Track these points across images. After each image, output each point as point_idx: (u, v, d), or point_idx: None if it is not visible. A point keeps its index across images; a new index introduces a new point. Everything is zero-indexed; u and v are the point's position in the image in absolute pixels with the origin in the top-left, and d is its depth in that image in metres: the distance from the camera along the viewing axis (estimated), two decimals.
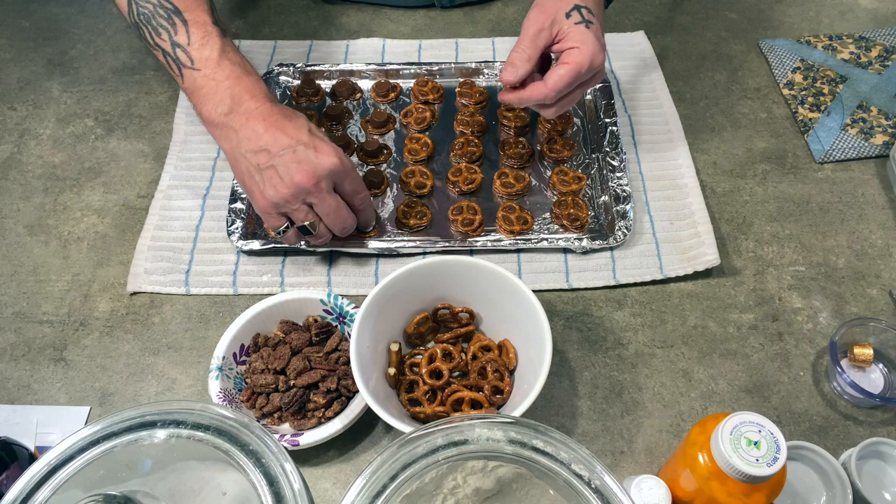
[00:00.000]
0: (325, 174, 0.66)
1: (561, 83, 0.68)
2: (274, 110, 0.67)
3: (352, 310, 0.70)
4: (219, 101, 0.67)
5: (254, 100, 0.67)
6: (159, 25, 0.69)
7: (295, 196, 0.66)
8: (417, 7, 1.04)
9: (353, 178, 0.69)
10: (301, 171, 0.65)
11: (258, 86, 0.69)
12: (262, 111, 0.67)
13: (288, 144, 0.66)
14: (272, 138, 0.66)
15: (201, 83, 0.68)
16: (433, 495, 0.49)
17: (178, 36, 0.69)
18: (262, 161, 0.66)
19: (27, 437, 0.66)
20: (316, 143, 0.66)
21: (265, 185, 0.67)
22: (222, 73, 0.68)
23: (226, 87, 0.67)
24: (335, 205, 0.68)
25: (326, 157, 0.66)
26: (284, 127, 0.66)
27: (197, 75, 0.68)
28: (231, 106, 0.67)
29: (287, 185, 0.66)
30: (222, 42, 0.69)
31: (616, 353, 0.72)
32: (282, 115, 0.68)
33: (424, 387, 0.66)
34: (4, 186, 0.86)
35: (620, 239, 0.77)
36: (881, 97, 0.92)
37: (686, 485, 0.56)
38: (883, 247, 0.80)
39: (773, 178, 0.86)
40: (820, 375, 0.71)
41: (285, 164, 0.65)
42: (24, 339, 0.74)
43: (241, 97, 0.67)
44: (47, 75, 0.98)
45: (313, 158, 0.66)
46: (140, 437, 0.47)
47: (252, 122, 0.66)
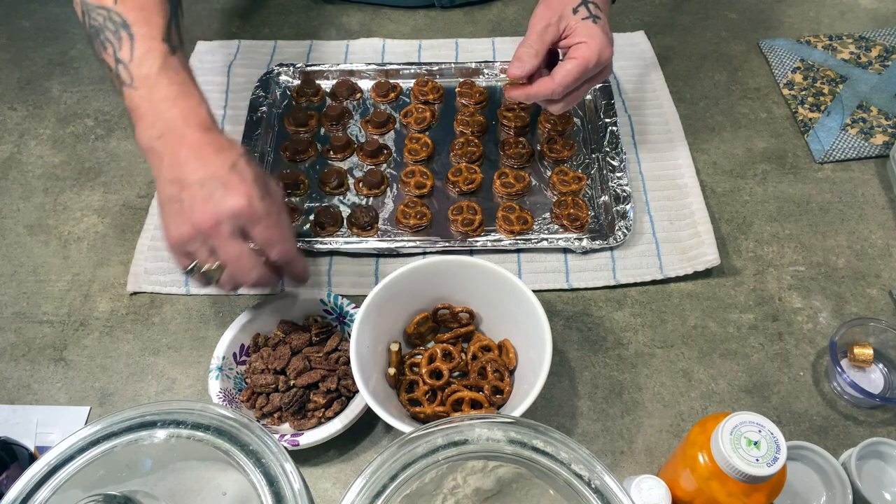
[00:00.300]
0: (227, 216, 0.58)
1: (568, 78, 0.68)
2: (205, 139, 0.61)
3: (352, 310, 0.70)
4: (150, 124, 0.61)
5: (186, 125, 0.61)
6: (106, 39, 0.64)
7: (193, 236, 0.59)
8: (417, 7, 1.04)
9: (267, 225, 0.60)
10: (202, 210, 0.58)
11: (196, 110, 0.62)
12: (192, 139, 0.61)
13: (200, 179, 0.59)
14: (190, 169, 0.59)
15: (137, 104, 0.62)
16: (433, 495, 0.49)
17: (122, 52, 0.63)
18: (174, 192, 0.60)
19: (27, 437, 0.66)
20: (231, 179, 0.59)
21: (170, 219, 0.61)
22: (159, 93, 0.62)
23: (159, 111, 0.61)
24: (237, 252, 0.60)
25: (233, 196, 0.58)
26: (207, 158, 0.60)
27: (134, 94, 0.62)
28: (162, 130, 0.61)
29: (187, 221, 0.59)
30: (165, 59, 0.63)
31: (616, 353, 0.72)
32: (211, 145, 0.61)
33: (424, 387, 0.66)
34: (4, 186, 0.86)
35: (620, 239, 0.77)
36: (881, 97, 0.92)
37: (686, 485, 0.56)
38: (883, 247, 0.80)
39: (773, 178, 0.86)
40: (820, 375, 0.71)
41: (191, 199, 0.59)
42: (24, 339, 0.74)
43: (174, 122, 0.61)
44: (47, 75, 0.98)
45: (219, 196, 0.58)
46: (140, 437, 0.47)
47: (178, 149, 0.60)
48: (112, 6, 0.64)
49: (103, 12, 0.64)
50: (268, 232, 0.61)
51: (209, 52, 0.98)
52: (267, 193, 0.61)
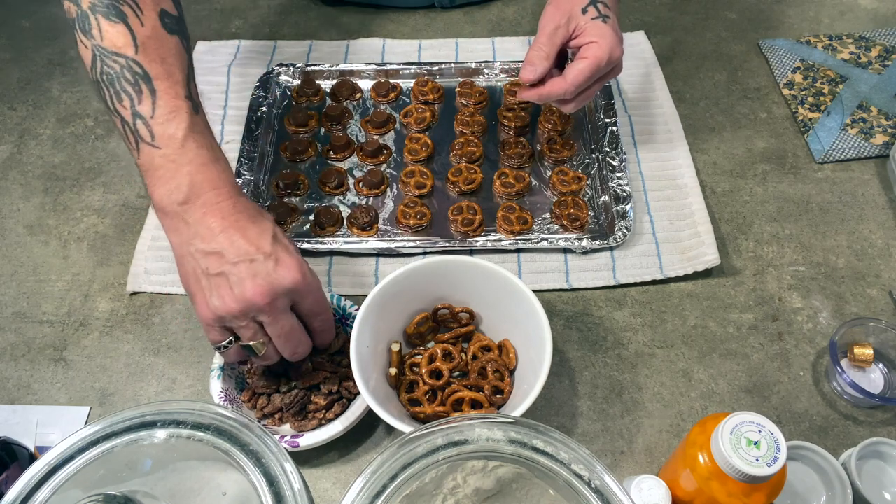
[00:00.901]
0: (283, 292, 0.57)
1: (581, 78, 0.69)
2: (238, 208, 0.59)
3: (354, 311, 0.69)
4: (175, 188, 0.58)
5: (216, 192, 0.58)
6: (122, 90, 0.59)
7: (244, 312, 0.57)
8: (417, 7, 1.04)
9: (316, 297, 0.61)
10: (256, 286, 0.56)
11: (224, 176, 0.60)
12: (223, 208, 0.58)
13: (245, 252, 0.57)
14: (228, 241, 0.57)
15: (159, 163, 0.58)
16: (433, 495, 0.49)
17: (142, 106, 0.59)
18: (213, 266, 0.57)
19: (27, 437, 0.66)
20: (279, 253, 0.58)
21: (211, 294, 0.57)
22: (185, 156, 0.58)
23: (186, 173, 0.58)
24: (289, 327, 0.59)
25: (288, 271, 0.57)
26: (245, 230, 0.58)
27: (155, 154, 0.58)
28: (188, 195, 0.58)
29: (237, 299, 0.56)
30: (191, 120, 0.59)
31: (616, 353, 0.72)
32: (245, 215, 0.59)
33: (424, 387, 0.66)
34: (4, 186, 0.86)
35: (620, 239, 0.77)
36: (881, 97, 0.92)
37: (686, 485, 0.56)
38: (883, 247, 0.80)
39: (773, 178, 0.86)
40: (820, 375, 0.71)
41: (238, 275, 0.56)
42: (24, 339, 0.74)
43: (201, 187, 0.58)
44: (47, 75, 0.98)
45: (272, 273, 0.57)
46: (140, 437, 0.47)
47: (209, 217, 0.57)
48: (132, 55, 0.59)
49: (121, 61, 0.59)
50: (316, 304, 0.61)
51: (209, 52, 0.98)
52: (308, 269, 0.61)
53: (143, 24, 0.60)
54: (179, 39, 0.62)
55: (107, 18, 0.60)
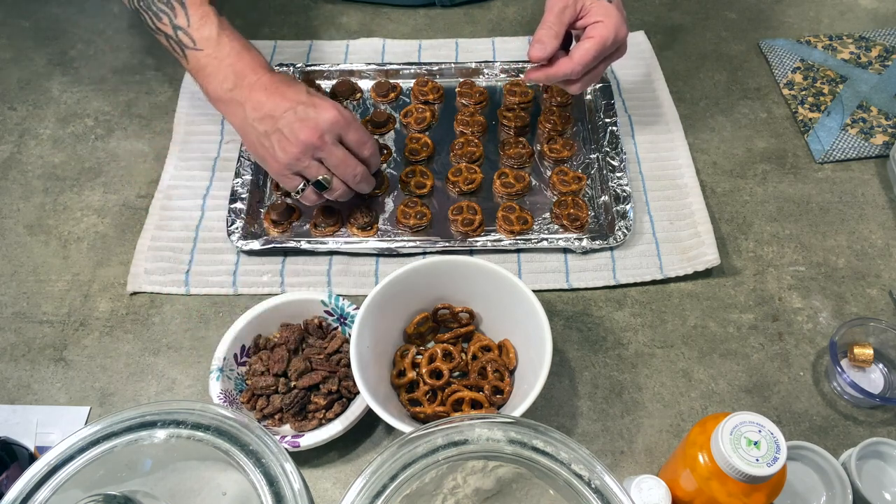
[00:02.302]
0: (327, 127, 0.68)
1: (587, 57, 0.71)
2: (274, 79, 0.70)
3: (352, 311, 0.69)
4: (223, 78, 0.70)
5: (255, 73, 0.70)
6: (159, 10, 0.71)
7: (304, 153, 0.69)
8: (417, 7, 1.04)
9: (355, 128, 0.71)
10: (305, 129, 0.68)
11: (258, 59, 0.72)
12: (264, 82, 0.70)
13: (289, 107, 0.68)
14: (274, 104, 0.68)
15: (205, 63, 0.71)
16: (433, 495, 0.49)
17: (178, 18, 0.71)
18: (269, 126, 0.69)
19: (27, 437, 0.66)
20: (314, 101, 0.69)
21: (275, 149, 0.69)
22: (223, 50, 0.70)
23: (228, 65, 0.70)
24: (342, 156, 0.70)
25: (325, 111, 0.68)
26: (284, 92, 0.69)
27: (200, 55, 0.71)
28: (235, 81, 0.70)
29: (294, 143, 0.68)
30: (219, 21, 0.72)
31: (616, 353, 0.72)
32: (282, 82, 0.70)
33: (425, 387, 0.66)
34: (4, 186, 0.86)
35: (620, 239, 0.77)
36: (881, 97, 0.92)
37: (686, 485, 0.56)
38: (883, 247, 0.80)
39: (773, 178, 0.86)
40: (820, 375, 0.71)
41: (289, 125, 0.68)
42: (24, 339, 0.74)
43: (243, 72, 0.70)
44: (47, 75, 0.98)
45: (313, 115, 0.68)
46: (140, 437, 0.47)
47: (255, 93, 0.69)
48: None
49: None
50: (358, 134, 0.71)
51: None
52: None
53: None
54: None
55: None
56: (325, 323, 0.71)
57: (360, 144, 0.72)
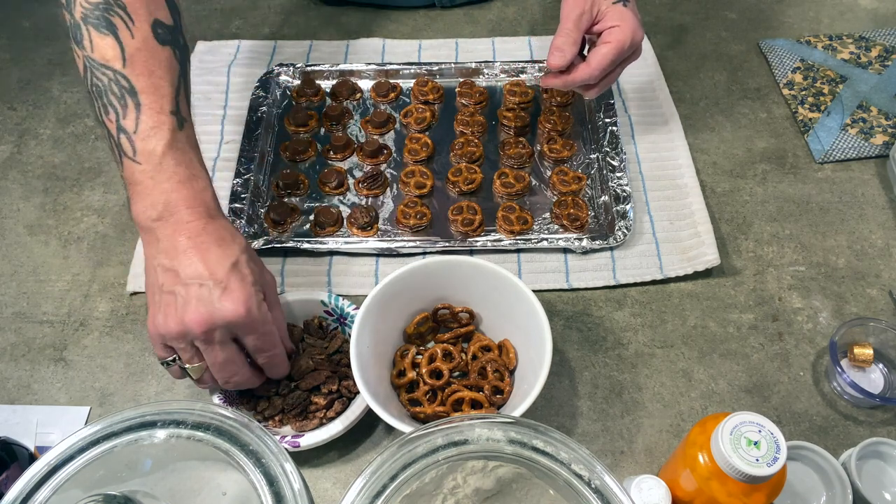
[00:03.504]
0: (222, 324, 0.56)
1: (605, 62, 0.71)
2: (207, 230, 0.58)
3: (352, 311, 0.69)
4: (150, 204, 0.58)
5: (189, 211, 0.58)
6: (109, 103, 0.59)
7: (181, 335, 0.57)
8: (417, 7, 1.04)
9: (262, 333, 0.59)
10: (196, 312, 0.55)
11: (201, 196, 0.59)
12: (192, 228, 0.57)
13: (197, 276, 0.56)
14: (187, 261, 0.56)
15: (138, 178, 0.58)
16: (433, 495, 0.49)
17: (126, 120, 0.58)
18: (168, 283, 0.57)
19: (27, 437, 0.66)
20: (230, 282, 0.56)
21: (159, 311, 0.57)
22: (163, 173, 0.58)
23: (162, 191, 0.58)
24: (224, 359, 0.58)
25: (231, 303, 0.56)
26: (207, 253, 0.57)
27: (136, 169, 0.58)
28: (162, 213, 0.57)
29: (177, 321, 0.56)
30: (173, 136, 0.59)
31: (616, 353, 0.72)
32: (213, 237, 0.58)
33: (425, 387, 0.66)
34: (4, 186, 0.86)
35: (620, 239, 0.77)
36: (881, 97, 0.92)
37: (686, 485, 0.56)
38: (883, 247, 0.80)
39: (773, 178, 0.86)
40: (820, 375, 0.71)
41: (185, 297, 0.56)
42: (24, 339, 0.74)
43: (175, 206, 0.57)
44: (47, 75, 0.98)
45: (215, 302, 0.55)
46: (140, 437, 0.47)
47: (176, 236, 0.57)
48: (120, 68, 0.59)
49: (109, 73, 0.59)
50: (260, 341, 0.59)
51: (209, 52, 0.98)
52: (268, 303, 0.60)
53: (134, 36, 0.59)
54: (172, 51, 0.61)
55: (97, 30, 0.59)
56: (325, 323, 0.71)
57: (258, 351, 0.60)
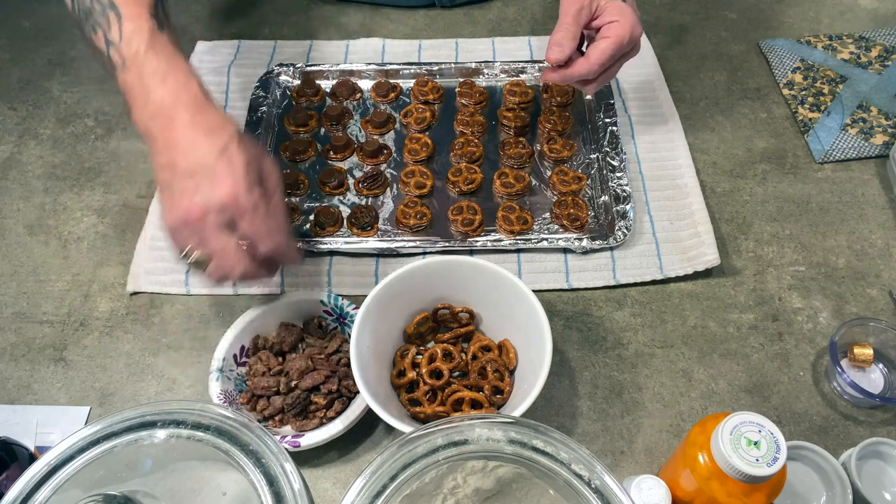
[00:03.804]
0: (214, 209, 0.57)
1: (604, 57, 0.71)
2: (195, 120, 0.59)
3: (352, 311, 0.69)
4: (143, 105, 0.60)
5: (176, 104, 0.59)
6: (95, 22, 0.62)
7: (183, 225, 0.58)
8: (417, 7, 1.04)
9: (253, 218, 0.59)
10: (190, 201, 0.57)
11: (186, 87, 0.60)
12: (182, 121, 0.59)
13: (189, 165, 0.58)
14: (180, 154, 0.58)
15: (130, 84, 0.60)
16: (433, 495, 0.49)
17: (112, 33, 0.61)
18: (166, 178, 0.59)
19: (27, 437, 0.66)
20: (219, 168, 0.57)
21: (164, 206, 0.60)
22: (148, 70, 0.60)
23: (150, 89, 0.60)
24: (223, 246, 0.59)
25: (219, 188, 0.57)
26: (196, 142, 0.58)
27: (126, 76, 0.60)
28: (153, 112, 0.59)
29: (176, 212, 0.58)
30: (152, 36, 0.61)
31: (616, 353, 0.72)
32: (202, 127, 0.59)
33: (425, 387, 0.66)
34: (4, 186, 0.86)
35: (620, 239, 0.77)
36: (881, 97, 0.92)
37: (686, 485, 0.56)
38: (883, 247, 0.80)
39: (773, 178, 0.86)
40: (820, 375, 0.71)
41: (181, 189, 0.58)
42: (24, 339, 0.74)
43: (163, 101, 0.59)
44: (47, 75, 0.98)
45: (205, 188, 0.57)
46: (140, 437, 0.47)
47: (169, 131, 0.59)
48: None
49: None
50: (254, 226, 0.59)
51: (209, 52, 0.98)
52: (257, 183, 0.60)
53: None
54: None
55: None
56: (324, 323, 0.71)
57: (255, 237, 0.60)
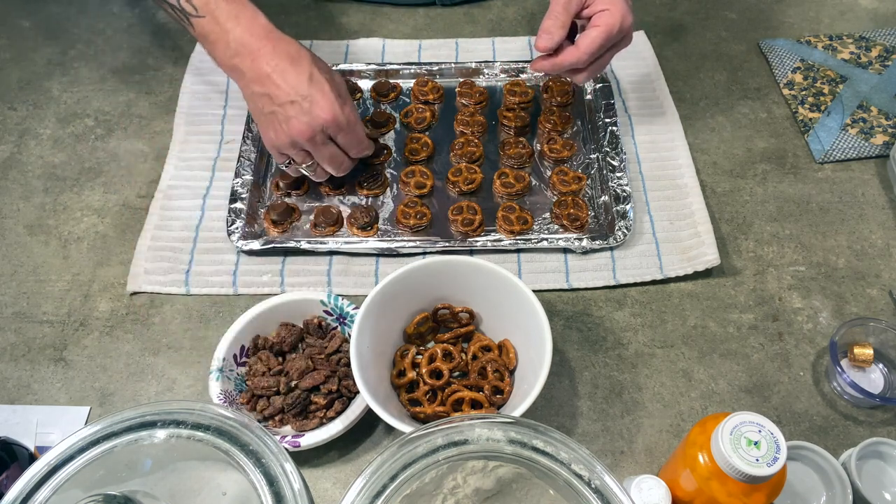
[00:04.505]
0: (319, 128, 0.69)
1: (594, 46, 0.71)
2: (277, 50, 0.69)
3: (352, 311, 0.69)
4: (224, 46, 0.69)
5: (255, 39, 0.69)
6: None
7: (292, 145, 0.71)
8: (417, 6, 1.04)
9: (347, 131, 0.72)
10: (298, 124, 0.69)
11: (258, 22, 0.70)
12: (265, 53, 0.69)
13: (287, 95, 0.68)
14: (274, 85, 0.68)
15: (208, 29, 0.70)
16: (433, 495, 0.49)
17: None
18: (266, 106, 0.70)
19: (27, 437, 0.66)
20: (313, 95, 0.68)
21: (268, 128, 0.71)
22: (222, 14, 0.69)
23: (228, 30, 0.69)
24: (330, 154, 0.73)
25: (321, 111, 0.68)
26: (286, 73, 0.68)
27: (203, 22, 0.70)
28: (236, 49, 0.69)
29: (285, 133, 0.70)
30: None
31: (616, 353, 0.72)
32: (285, 57, 0.69)
33: (425, 387, 0.66)
34: (4, 186, 0.86)
35: (620, 239, 0.77)
36: (881, 97, 0.92)
37: (686, 485, 0.56)
38: (883, 247, 0.80)
39: (773, 178, 0.86)
40: (820, 375, 0.71)
41: (284, 115, 0.69)
42: (24, 339, 0.74)
43: (242, 39, 0.69)
44: (47, 75, 0.98)
45: (309, 112, 0.68)
46: (140, 437, 0.47)
47: (257, 63, 0.69)
48: None
49: None
50: (349, 137, 0.72)
51: None
52: (344, 100, 0.71)
53: None
54: None
55: None
56: (324, 323, 0.71)
57: (349, 147, 0.74)
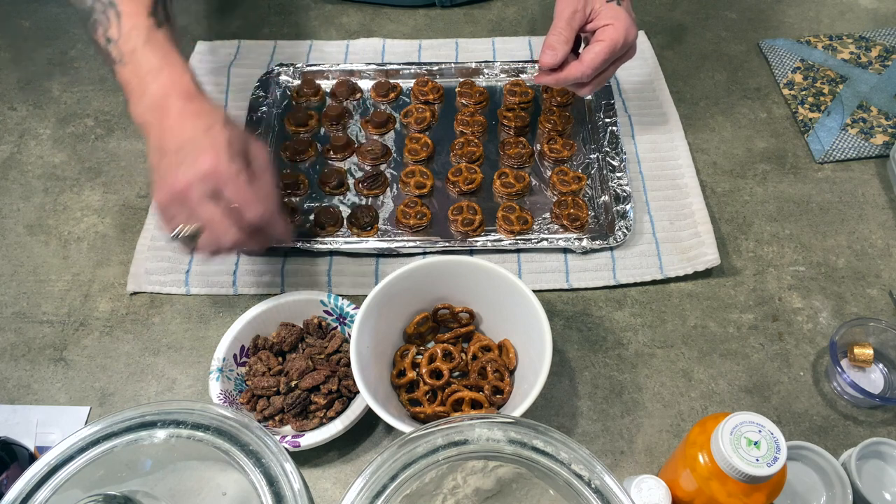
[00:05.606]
0: (196, 180, 0.59)
1: (598, 60, 0.71)
2: (187, 108, 0.62)
3: (352, 311, 0.69)
4: (139, 98, 0.63)
5: (170, 95, 0.63)
6: (97, 20, 0.65)
7: (171, 200, 0.61)
8: (417, 6, 1.04)
9: (237, 186, 0.61)
10: (175, 174, 0.60)
11: (180, 79, 0.64)
12: (174, 109, 0.62)
13: (177, 144, 0.61)
14: (170, 137, 0.62)
15: (127, 79, 0.64)
16: (433, 495, 0.49)
17: (111, 30, 0.64)
18: (156, 161, 0.62)
19: (27, 437, 0.66)
20: (203, 143, 0.60)
21: (154, 187, 0.63)
22: (144, 66, 0.63)
23: (146, 83, 0.63)
24: (209, 216, 0.60)
25: (201, 160, 0.59)
26: (184, 125, 0.62)
27: (124, 71, 0.64)
28: (149, 104, 0.63)
29: (165, 187, 0.61)
30: (149, 33, 0.64)
31: (616, 353, 0.72)
32: (191, 112, 0.62)
33: (425, 387, 0.66)
34: (4, 186, 0.86)
35: (620, 239, 0.77)
36: (881, 97, 0.92)
37: (686, 485, 0.56)
38: (883, 247, 0.80)
39: (773, 178, 0.86)
40: (820, 375, 0.71)
41: (168, 166, 0.61)
42: (24, 339, 0.74)
43: (158, 93, 0.63)
44: (47, 75, 0.98)
45: (189, 161, 0.60)
46: (140, 437, 0.47)
47: (163, 119, 0.62)
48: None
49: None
50: (239, 193, 0.61)
51: (209, 52, 0.98)
52: (241, 156, 0.62)
53: None
54: None
55: None
56: (324, 323, 0.71)
57: (241, 204, 0.61)
